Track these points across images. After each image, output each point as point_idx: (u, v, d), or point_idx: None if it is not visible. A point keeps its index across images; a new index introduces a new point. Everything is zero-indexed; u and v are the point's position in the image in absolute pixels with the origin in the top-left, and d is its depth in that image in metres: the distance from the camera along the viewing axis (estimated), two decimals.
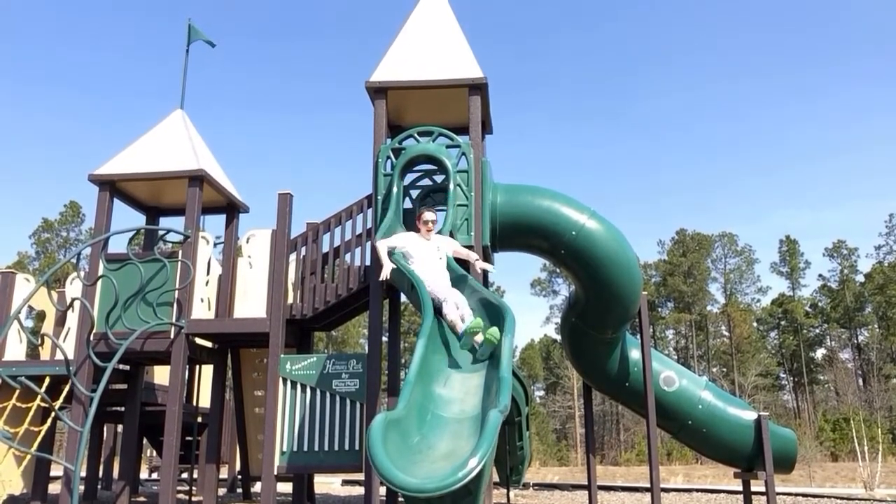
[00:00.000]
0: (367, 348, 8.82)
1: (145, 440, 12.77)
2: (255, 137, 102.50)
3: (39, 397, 8.15)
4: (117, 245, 13.72)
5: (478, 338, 5.46)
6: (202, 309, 9.25)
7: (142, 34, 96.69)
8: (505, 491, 13.03)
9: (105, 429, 13.95)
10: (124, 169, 9.52)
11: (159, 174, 9.45)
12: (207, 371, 11.54)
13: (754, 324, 65.82)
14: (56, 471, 12.54)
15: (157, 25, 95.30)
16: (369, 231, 8.78)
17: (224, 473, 14.67)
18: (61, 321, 9.72)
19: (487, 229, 8.46)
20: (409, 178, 8.77)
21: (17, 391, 8.40)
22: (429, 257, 6.36)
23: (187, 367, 9.47)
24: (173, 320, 8.87)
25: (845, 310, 62.36)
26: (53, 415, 8.51)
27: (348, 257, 9.01)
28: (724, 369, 61.55)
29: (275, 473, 8.31)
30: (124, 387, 10.17)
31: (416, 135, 8.63)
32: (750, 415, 10.05)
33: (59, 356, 8.71)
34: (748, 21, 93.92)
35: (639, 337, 10.26)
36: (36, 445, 8.59)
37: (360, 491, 15.97)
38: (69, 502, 8.09)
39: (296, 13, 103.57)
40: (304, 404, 8.41)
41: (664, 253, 68.15)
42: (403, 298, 9.10)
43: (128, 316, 8.90)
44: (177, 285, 9.00)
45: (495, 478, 10.09)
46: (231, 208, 10.43)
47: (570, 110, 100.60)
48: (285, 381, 8.51)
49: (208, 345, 9.87)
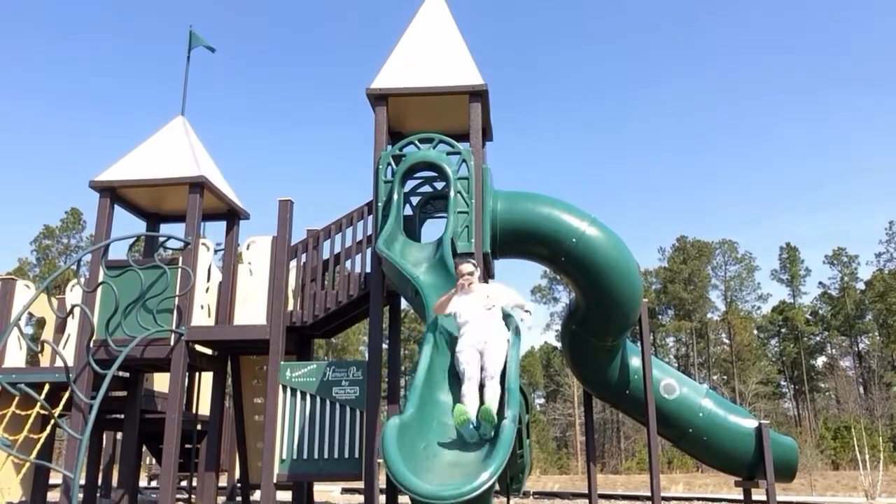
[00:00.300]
0: (367, 355, 8.81)
1: (145, 448, 12.73)
2: (255, 144, 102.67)
3: (39, 404, 8.14)
4: (118, 252, 13.74)
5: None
6: (202, 316, 9.25)
7: (143, 41, 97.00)
8: (505, 500, 12.97)
9: (104, 436, 13.89)
10: (125, 175, 9.53)
11: (160, 181, 9.47)
12: (207, 378, 11.51)
13: (755, 331, 65.66)
14: (55, 478, 12.48)
15: (159, 32, 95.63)
16: (370, 238, 8.78)
17: (223, 481, 14.61)
18: (61, 328, 9.70)
19: (488, 236, 8.47)
20: (410, 184, 8.79)
21: (17, 398, 8.37)
22: (473, 311, 5.44)
23: (187, 374, 9.45)
24: (173, 327, 8.86)
25: (846, 317, 62.22)
26: (53, 422, 8.50)
27: (349, 264, 9.01)
28: (725, 377, 61.38)
29: (274, 481, 8.29)
30: (124, 394, 10.15)
31: (417, 142, 8.65)
32: (751, 423, 10.03)
33: (58, 363, 8.70)
34: (748, 24, 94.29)
35: (639, 344, 10.24)
36: (35, 453, 8.55)
37: (359, 499, 15.90)
38: None
39: (297, 20, 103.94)
40: (304, 412, 8.39)
41: (664, 260, 68.09)
42: (404, 305, 9.13)
43: (128, 323, 8.89)
44: (177, 292, 9.00)
45: (496, 486, 10.05)
46: (231, 215, 10.43)
47: (571, 117, 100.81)
48: (285, 388, 8.49)
49: (208, 352, 9.85)
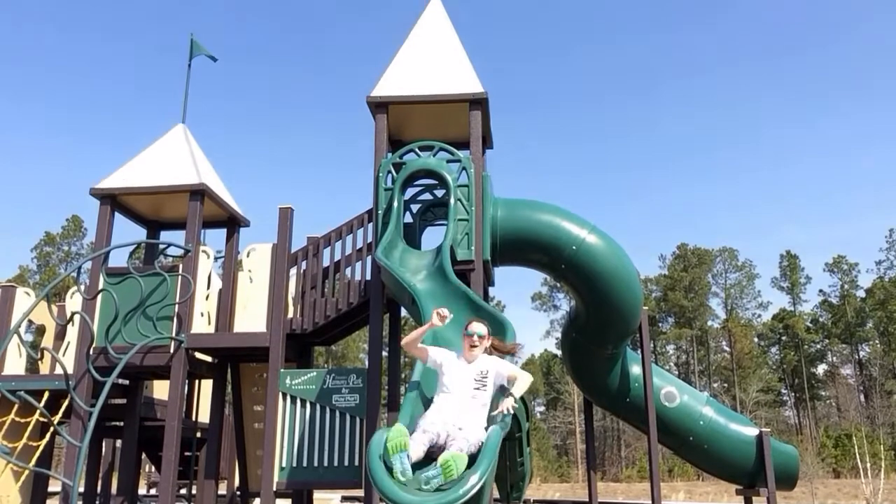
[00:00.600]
0: (367, 363, 8.80)
1: (144, 455, 12.69)
2: (256, 151, 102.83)
3: (38, 412, 8.12)
4: (118, 259, 13.76)
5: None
6: (202, 323, 9.24)
7: (144, 49, 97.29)
8: None
9: (104, 444, 13.86)
10: (126, 183, 9.54)
11: (160, 188, 9.48)
12: (207, 386, 11.49)
13: (755, 339, 65.60)
14: (54, 486, 12.46)
15: (160, 40, 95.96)
16: (370, 245, 8.79)
17: (223, 489, 14.56)
18: (61, 335, 9.69)
19: (488, 244, 8.48)
20: (410, 192, 8.80)
21: (16, 405, 8.37)
22: (459, 383, 4.63)
23: (187, 381, 9.44)
24: (173, 334, 8.85)
25: (846, 325, 62.15)
26: (52, 429, 8.48)
27: (349, 271, 9.01)
28: (725, 385, 61.29)
29: (274, 489, 8.27)
30: (123, 401, 10.12)
31: (417, 149, 8.66)
32: (751, 431, 10.01)
33: (58, 370, 8.68)
34: (747, 32, 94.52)
35: (639, 352, 10.24)
36: (34, 460, 8.53)
37: None
38: None
39: (298, 28, 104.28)
40: (304, 419, 8.37)
41: (665, 268, 68.09)
42: (404, 313, 9.11)
43: (128, 330, 8.89)
44: (177, 299, 8.99)
45: (496, 494, 10.01)
46: (232, 222, 10.44)
47: (572, 125, 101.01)
48: (285, 395, 8.48)
49: (208, 359, 9.84)
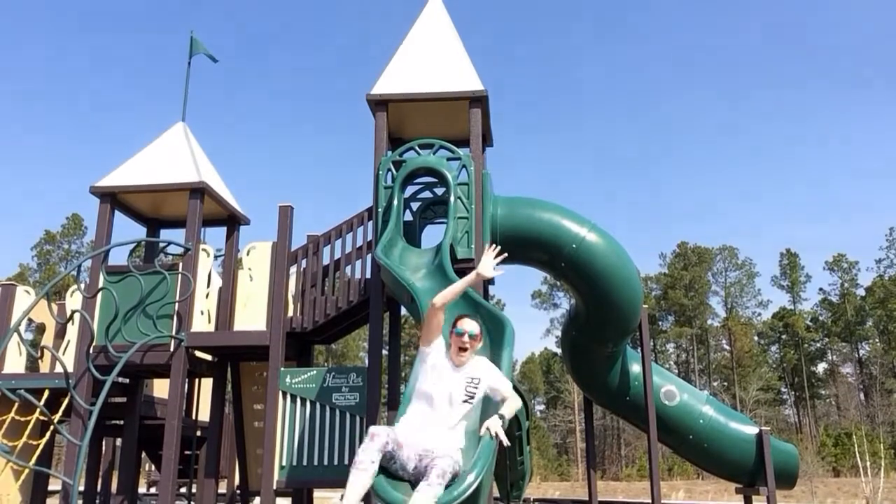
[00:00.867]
0: (367, 362, 8.80)
1: (144, 454, 12.70)
2: (256, 150, 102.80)
3: (38, 410, 8.11)
4: (118, 257, 13.77)
5: None
6: (202, 322, 9.24)
7: (144, 47, 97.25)
8: None
9: (104, 442, 13.87)
10: (125, 181, 9.53)
11: (160, 186, 9.47)
12: (207, 384, 11.48)
13: (755, 338, 65.62)
14: (54, 485, 12.46)
15: (160, 39, 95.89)
16: (370, 243, 8.78)
17: (223, 488, 14.56)
18: (61, 334, 9.68)
19: (488, 241, 8.46)
20: (410, 190, 8.79)
21: (16, 404, 8.37)
22: (445, 394, 4.23)
23: (187, 380, 9.44)
24: (173, 333, 8.85)
25: (846, 324, 62.15)
26: (52, 428, 8.47)
27: (349, 270, 9.00)
28: (725, 383, 61.30)
29: (274, 488, 8.27)
30: (123, 400, 10.12)
31: (417, 147, 8.65)
32: (751, 429, 10.01)
33: (58, 369, 8.67)
34: (747, 31, 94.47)
35: (639, 351, 10.24)
36: (34, 459, 8.52)
37: None
38: None
39: (298, 26, 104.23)
40: (304, 418, 8.37)
41: (665, 266, 68.06)
42: (404, 311, 9.11)
43: (128, 329, 8.88)
44: (177, 298, 8.99)
45: (496, 493, 10.01)
46: (232, 220, 10.43)
47: (571, 123, 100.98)
48: (285, 394, 8.47)
49: (208, 358, 9.83)
